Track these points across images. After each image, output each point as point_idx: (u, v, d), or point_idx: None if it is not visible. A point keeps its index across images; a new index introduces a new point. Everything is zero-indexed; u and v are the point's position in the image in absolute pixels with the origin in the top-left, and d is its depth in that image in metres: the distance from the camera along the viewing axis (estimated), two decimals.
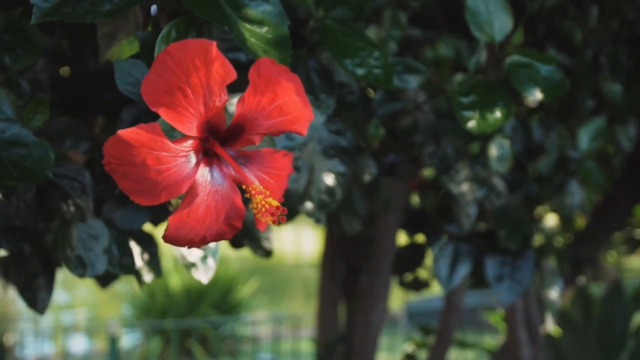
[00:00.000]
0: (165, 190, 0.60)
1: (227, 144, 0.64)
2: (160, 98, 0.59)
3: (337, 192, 1.09)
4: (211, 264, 1.01)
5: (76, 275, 0.94)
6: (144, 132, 0.58)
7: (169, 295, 6.98)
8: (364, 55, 0.95)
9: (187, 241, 0.63)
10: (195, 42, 0.59)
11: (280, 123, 0.63)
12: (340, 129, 1.08)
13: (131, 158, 0.59)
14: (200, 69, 0.59)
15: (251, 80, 0.61)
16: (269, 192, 0.64)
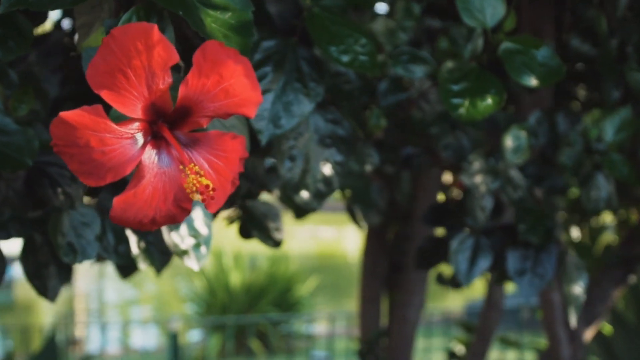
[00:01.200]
0: (110, 171, 0.62)
1: (176, 127, 0.65)
2: (102, 81, 0.60)
3: (334, 181, 1.09)
4: (204, 252, 1.02)
5: (67, 261, 0.96)
6: (86, 114, 0.60)
7: (229, 292, 7.07)
8: (350, 42, 0.95)
9: (136, 222, 0.65)
10: (137, 25, 0.60)
11: (227, 105, 0.64)
12: (337, 118, 1.08)
13: (75, 140, 0.60)
14: (142, 52, 0.60)
15: (195, 62, 0.62)
16: (218, 173, 0.65)
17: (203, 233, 1.03)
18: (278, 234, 1.31)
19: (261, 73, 0.97)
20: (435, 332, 5.25)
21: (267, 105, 0.96)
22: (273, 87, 0.97)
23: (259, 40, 0.98)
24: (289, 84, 0.97)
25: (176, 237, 1.01)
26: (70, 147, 0.61)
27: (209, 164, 0.65)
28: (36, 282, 1.13)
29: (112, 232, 1.04)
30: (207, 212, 1.04)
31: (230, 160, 0.66)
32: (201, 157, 0.66)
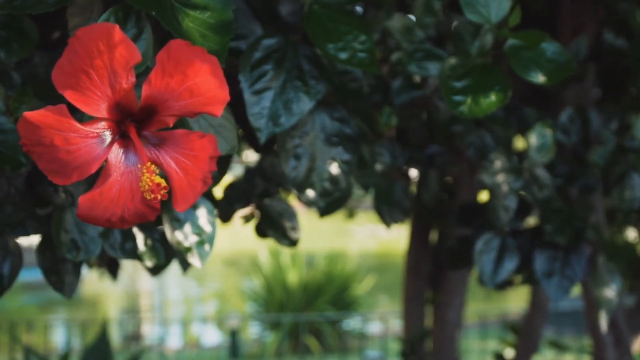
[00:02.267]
0: (76, 170, 0.63)
1: (144, 126, 0.66)
2: (66, 81, 0.61)
3: (341, 180, 1.08)
4: (207, 250, 1.03)
5: (70, 258, 0.98)
6: (50, 114, 0.61)
7: (286, 291, 7.10)
8: (349, 39, 0.94)
9: (104, 221, 0.65)
10: (99, 26, 0.61)
11: (192, 104, 0.64)
12: (344, 116, 1.08)
13: (39, 139, 0.61)
14: (104, 52, 0.61)
15: (159, 61, 0.63)
16: (186, 172, 0.66)
17: (207, 231, 1.03)
18: (294, 233, 1.31)
19: (261, 71, 0.97)
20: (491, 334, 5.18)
21: (267, 103, 0.96)
22: (273, 85, 0.97)
23: (260, 38, 0.98)
24: (289, 81, 0.97)
25: (180, 234, 1.02)
26: (36, 146, 0.62)
27: (176, 163, 0.66)
28: (52, 278, 1.16)
29: (119, 229, 1.05)
30: (210, 209, 1.05)
31: (199, 158, 0.66)
32: (168, 156, 0.66)
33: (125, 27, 0.72)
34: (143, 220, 0.67)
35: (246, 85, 0.96)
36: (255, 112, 0.96)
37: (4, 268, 1.13)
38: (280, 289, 7.14)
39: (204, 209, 1.04)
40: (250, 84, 0.96)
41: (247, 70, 0.96)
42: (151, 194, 0.62)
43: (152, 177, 0.62)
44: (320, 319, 6.50)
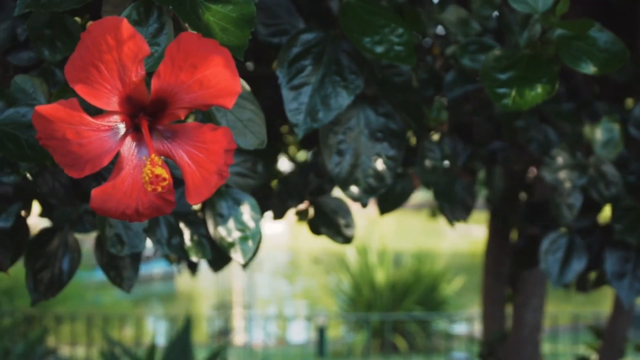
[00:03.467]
0: (88, 163, 0.64)
1: (157, 119, 0.66)
2: (77, 75, 0.62)
3: (386, 176, 1.06)
4: (250, 246, 1.03)
5: (114, 252, 1.00)
6: (62, 108, 0.62)
7: (374, 290, 7.08)
8: (386, 32, 0.92)
9: (119, 213, 0.66)
10: (108, 19, 0.62)
11: (202, 97, 0.64)
12: (389, 111, 1.06)
13: (52, 132, 0.62)
14: (112, 46, 0.61)
15: (168, 54, 0.63)
16: (198, 165, 0.65)
17: (251, 227, 1.03)
18: (348, 231, 1.29)
19: (299, 66, 0.96)
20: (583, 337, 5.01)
21: (305, 99, 0.95)
22: (311, 80, 0.96)
23: (298, 33, 0.97)
24: (328, 76, 0.96)
25: (223, 230, 1.02)
26: (50, 139, 0.63)
27: (189, 156, 0.66)
28: (111, 273, 1.18)
29: (166, 224, 1.07)
30: (254, 206, 1.04)
31: (212, 151, 0.66)
32: (180, 149, 0.66)
33: (147, 22, 0.72)
34: (159, 213, 0.67)
35: (284, 81, 0.95)
36: (292, 107, 0.95)
37: (63, 264, 1.16)
38: (367, 287, 7.12)
39: (247, 205, 1.04)
40: (288, 80, 0.95)
41: (285, 65, 0.96)
42: (150, 186, 0.62)
43: (153, 168, 0.62)
44: (408, 318, 6.44)
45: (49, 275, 1.15)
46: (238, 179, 1.07)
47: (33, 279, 1.15)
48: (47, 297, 1.16)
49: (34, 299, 1.15)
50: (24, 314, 5.10)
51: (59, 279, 1.16)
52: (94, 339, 5.06)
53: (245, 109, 0.80)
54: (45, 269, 1.15)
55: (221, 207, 1.03)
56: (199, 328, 6.35)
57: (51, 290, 1.16)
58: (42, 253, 1.16)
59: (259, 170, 1.08)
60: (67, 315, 5.44)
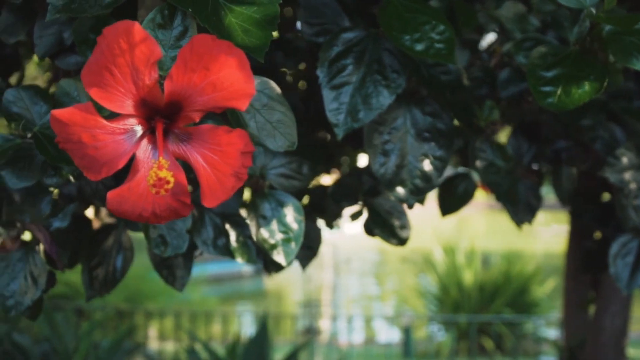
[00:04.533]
0: (105, 166, 0.64)
1: (173, 122, 0.66)
2: (92, 79, 0.62)
3: (433, 177, 1.04)
4: (293, 248, 1.02)
5: (158, 253, 1.01)
6: (77, 111, 0.63)
7: (461, 290, 6.97)
8: (427, 30, 0.90)
9: (136, 216, 0.66)
10: (121, 23, 0.62)
11: (215, 99, 0.63)
12: (436, 110, 1.03)
13: (68, 136, 0.63)
14: (125, 49, 0.61)
15: (180, 57, 0.63)
16: (213, 167, 0.65)
17: (294, 228, 1.03)
18: (403, 232, 1.27)
19: (340, 66, 0.95)
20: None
21: (346, 98, 0.94)
22: (352, 79, 0.94)
23: (339, 32, 0.96)
24: (369, 75, 0.94)
25: (265, 232, 1.02)
26: (67, 143, 0.64)
27: (204, 158, 0.65)
28: (164, 272, 1.19)
29: (212, 225, 1.07)
30: (298, 207, 1.04)
31: (227, 154, 0.65)
32: (195, 152, 0.66)
33: (172, 25, 0.72)
34: (177, 216, 0.67)
35: (324, 80, 0.94)
36: (333, 107, 0.94)
37: (117, 262, 1.18)
38: (455, 288, 7.01)
39: (291, 207, 1.03)
40: (329, 79, 0.94)
41: (326, 65, 0.94)
42: (154, 188, 0.62)
43: (158, 171, 0.62)
44: (496, 320, 6.31)
45: (103, 273, 1.18)
46: (282, 181, 1.06)
47: (89, 276, 1.18)
48: (101, 293, 1.19)
49: (89, 295, 1.17)
50: (115, 309, 5.26)
51: (113, 276, 1.18)
52: (182, 335, 5.17)
53: (274, 110, 0.79)
54: (100, 266, 1.18)
55: (264, 209, 1.02)
56: (286, 325, 6.40)
57: (105, 287, 1.18)
58: (98, 251, 1.18)
59: (305, 172, 1.07)
60: (156, 312, 5.58)
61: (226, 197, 0.66)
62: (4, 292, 1.08)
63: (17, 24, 0.95)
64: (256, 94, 0.78)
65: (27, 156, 0.90)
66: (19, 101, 0.90)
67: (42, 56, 0.98)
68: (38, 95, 0.90)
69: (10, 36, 0.96)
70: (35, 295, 1.08)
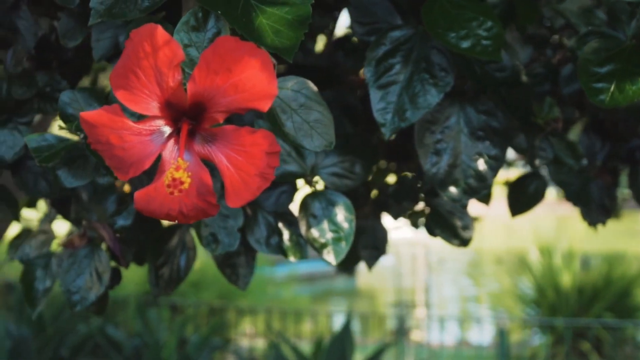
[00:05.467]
0: (132, 166, 0.66)
1: (198, 123, 0.67)
2: (119, 81, 0.64)
3: (488, 176, 1.01)
4: (343, 247, 1.02)
5: (209, 251, 1.03)
6: (105, 113, 0.65)
7: (558, 293, 6.77)
8: (473, 26, 0.88)
9: (164, 215, 0.68)
10: (145, 26, 0.63)
11: (237, 100, 0.64)
12: (490, 108, 1.01)
13: (97, 137, 0.65)
14: (149, 52, 0.63)
15: (203, 58, 0.63)
16: (237, 168, 0.66)
17: (344, 228, 1.02)
18: (465, 233, 1.25)
19: (387, 65, 0.94)
20: None
21: (393, 97, 0.93)
22: (399, 78, 0.93)
23: (386, 31, 0.95)
24: (416, 74, 0.93)
25: (315, 231, 1.02)
26: (97, 144, 0.66)
27: (228, 159, 0.66)
28: (227, 270, 1.21)
29: (265, 224, 1.08)
30: (349, 207, 1.03)
31: (251, 154, 0.66)
32: (220, 152, 0.66)
33: (205, 27, 0.73)
34: (205, 215, 0.68)
35: (371, 80, 0.93)
36: (380, 107, 0.93)
37: (181, 261, 1.21)
38: (551, 290, 6.82)
39: (342, 206, 1.03)
40: (376, 79, 0.93)
41: (373, 64, 0.94)
42: (169, 189, 0.63)
43: (174, 172, 0.63)
44: (596, 324, 6.11)
45: (168, 271, 1.20)
46: (334, 180, 1.06)
47: (155, 275, 1.20)
48: (166, 292, 1.22)
49: (155, 294, 1.20)
50: (208, 306, 5.38)
51: (177, 275, 1.21)
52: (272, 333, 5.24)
53: (312, 110, 0.79)
54: (165, 265, 1.21)
55: (314, 208, 1.02)
56: (378, 325, 6.39)
57: (170, 286, 1.21)
58: (163, 250, 1.21)
59: (357, 171, 1.07)
60: (247, 309, 5.67)
61: (252, 197, 0.67)
62: (70, 288, 1.12)
63: (75, 28, 0.99)
64: (293, 94, 0.79)
65: (81, 156, 0.94)
66: (74, 102, 0.93)
67: (99, 59, 1.01)
68: (92, 97, 0.94)
69: (70, 40, 1.00)
70: (99, 291, 1.12)
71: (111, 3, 0.78)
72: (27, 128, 1.07)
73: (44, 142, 0.92)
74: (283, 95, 0.78)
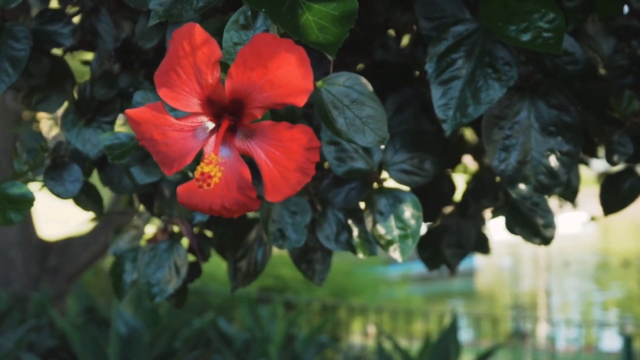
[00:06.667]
0: (175, 161, 0.68)
1: (239, 119, 0.68)
2: (161, 79, 0.67)
3: (560, 173, 0.98)
4: (410, 245, 1.01)
5: (276, 246, 1.04)
6: (148, 110, 0.67)
7: None
8: (535, 18, 0.85)
9: (207, 209, 0.70)
10: (185, 26, 0.66)
11: (273, 96, 0.65)
12: (562, 103, 0.97)
13: (142, 134, 0.68)
14: (188, 51, 0.65)
15: (239, 55, 0.65)
16: (276, 163, 0.67)
17: (411, 225, 1.02)
18: (547, 231, 1.21)
19: (449, 60, 0.92)
20: None
21: (455, 93, 0.92)
22: (461, 73, 0.92)
23: (448, 25, 0.94)
24: (479, 69, 0.91)
25: (381, 228, 1.02)
26: (143, 140, 0.69)
27: (266, 154, 0.67)
28: (303, 266, 1.23)
29: (335, 221, 1.09)
30: (417, 204, 1.03)
31: (290, 149, 0.67)
32: (259, 148, 0.68)
33: (254, 25, 0.75)
34: (247, 209, 0.70)
35: (433, 76, 0.92)
36: (442, 103, 0.92)
37: (258, 255, 1.24)
38: None
39: (410, 203, 1.02)
40: (437, 75, 0.92)
41: (434, 60, 0.93)
42: (197, 182, 0.65)
43: (204, 166, 0.64)
44: None
45: (246, 265, 1.23)
46: (404, 177, 1.06)
47: (233, 268, 1.23)
48: (243, 284, 1.24)
49: (233, 286, 1.23)
50: (321, 303, 5.44)
51: (254, 268, 1.23)
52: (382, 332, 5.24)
53: (365, 106, 0.79)
54: (243, 259, 1.23)
55: (381, 204, 1.02)
56: (493, 327, 6.27)
57: (247, 279, 1.24)
58: (241, 244, 1.24)
59: (427, 168, 1.06)
60: (359, 307, 5.69)
61: (292, 192, 0.68)
62: (150, 280, 1.17)
63: (151, 29, 1.03)
64: (345, 90, 0.79)
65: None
66: (147, 102, 0.97)
67: None
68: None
69: (147, 42, 1.04)
70: (177, 284, 1.16)
71: (169, 4, 0.81)
72: (111, 127, 1.13)
73: (116, 141, 0.96)
74: (335, 91, 0.78)
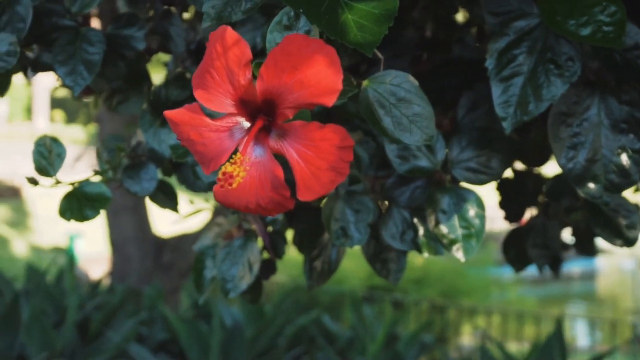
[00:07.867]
0: (212, 161, 0.70)
1: (273, 119, 0.69)
2: (197, 81, 0.68)
3: (632, 171, 0.93)
4: (473, 245, 0.99)
5: (339, 245, 1.04)
6: (186, 112, 0.69)
7: None
8: (595, 12, 0.81)
9: (243, 207, 0.70)
10: (219, 29, 0.67)
11: (303, 96, 0.65)
12: (635, 99, 0.93)
13: (180, 134, 0.70)
14: (220, 53, 0.66)
15: (270, 56, 0.65)
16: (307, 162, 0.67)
17: (475, 224, 1.00)
18: (631, 232, 1.15)
19: (510, 56, 0.90)
20: None
21: (516, 90, 0.89)
22: (523, 70, 0.89)
23: (509, 20, 0.91)
24: (540, 65, 0.88)
25: (444, 227, 1.00)
26: (182, 140, 0.71)
27: (298, 154, 0.67)
28: (377, 265, 1.23)
29: (400, 220, 1.08)
30: (481, 202, 1.01)
31: (321, 149, 0.66)
32: (291, 147, 0.68)
33: (297, 25, 0.76)
34: (282, 208, 0.70)
35: (493, 72, 0.90)
36: (502, 101, 0.89)
37: (332, 254, 1.24)
38: None
39: (474, 202, 1.00)
40: (498, 71, 0.90)
41: (495, 56, 0.90)
42: (219, 182, 0.65)
43: (226, 166, 0.65)
44: None
45: (320, 264, 1.24)
46: (469, 175, 1.04)
47: (309, 267, 1.25)
48: (318, 283, 1.25)
49: (309, 285, 1.25)
50: (429, 303, 5.39)
51: (329, 267, 1.24)
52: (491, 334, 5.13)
53: (411, 104, 0.78)
54: (319, 257, 1.24)
55: (444, 203, 1.01)
56: (611, 332, 6.02)
57: (322, 278, 1.25)
58: (317, 243, 1.25)
59: (494, 166, 1.03)
60: (468, 308, 5.60)
61: (325, 192, 0.68)
62: (225, 276, 1.19)
63: None
64: (392, 88, 0.78)
65: None
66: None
67: None
68: None
69: None
70: (250, 281, 1.18)
71: (220, 7, 0.83)
72: None
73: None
74: (382, 89, 0.78)
